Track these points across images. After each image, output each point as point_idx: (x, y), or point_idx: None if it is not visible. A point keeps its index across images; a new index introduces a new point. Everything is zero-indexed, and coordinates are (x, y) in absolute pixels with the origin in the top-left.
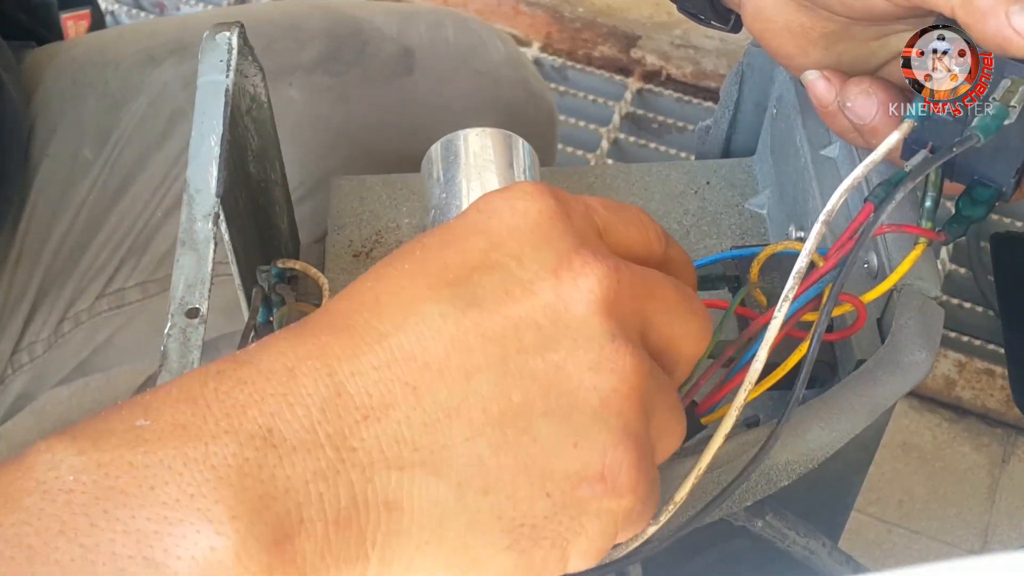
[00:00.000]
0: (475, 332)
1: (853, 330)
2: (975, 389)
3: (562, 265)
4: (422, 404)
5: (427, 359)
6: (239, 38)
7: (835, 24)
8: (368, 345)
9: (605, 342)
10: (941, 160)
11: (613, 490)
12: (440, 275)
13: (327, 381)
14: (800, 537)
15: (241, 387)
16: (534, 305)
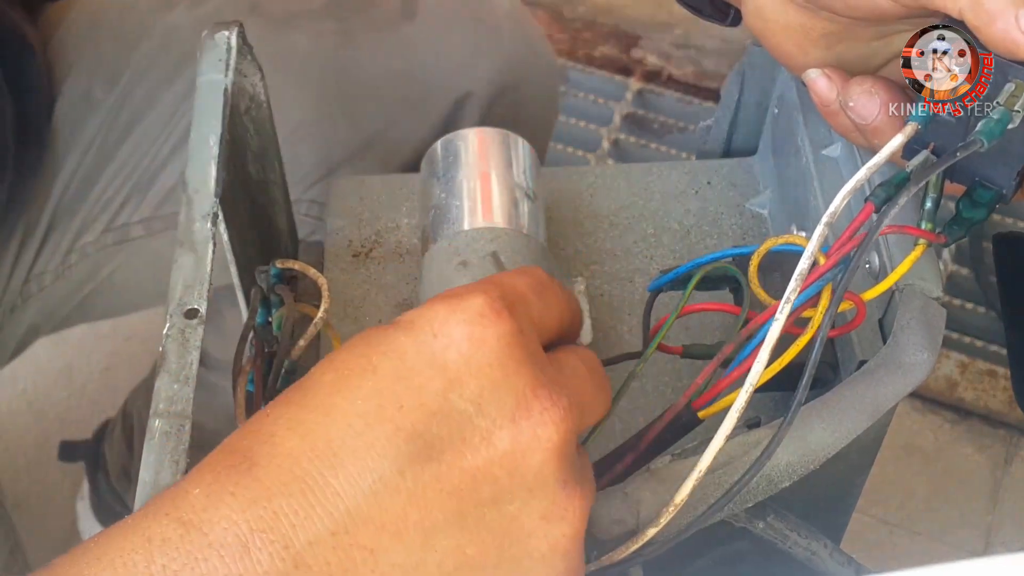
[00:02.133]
0: (433, 487)
1: (852, 326)
2: (977, 390)
3: (520, 411)
4: (380, 567)
5: (384, 520)
6: (238, 37)
7: (836, 24)
8: (324, 507)
9: (558, 490)
10: (944, 165)
11: None
12: (396, 422)
13: (283, 555)
14: (802, 538)
15: (192, 568)
16: (491, 456)
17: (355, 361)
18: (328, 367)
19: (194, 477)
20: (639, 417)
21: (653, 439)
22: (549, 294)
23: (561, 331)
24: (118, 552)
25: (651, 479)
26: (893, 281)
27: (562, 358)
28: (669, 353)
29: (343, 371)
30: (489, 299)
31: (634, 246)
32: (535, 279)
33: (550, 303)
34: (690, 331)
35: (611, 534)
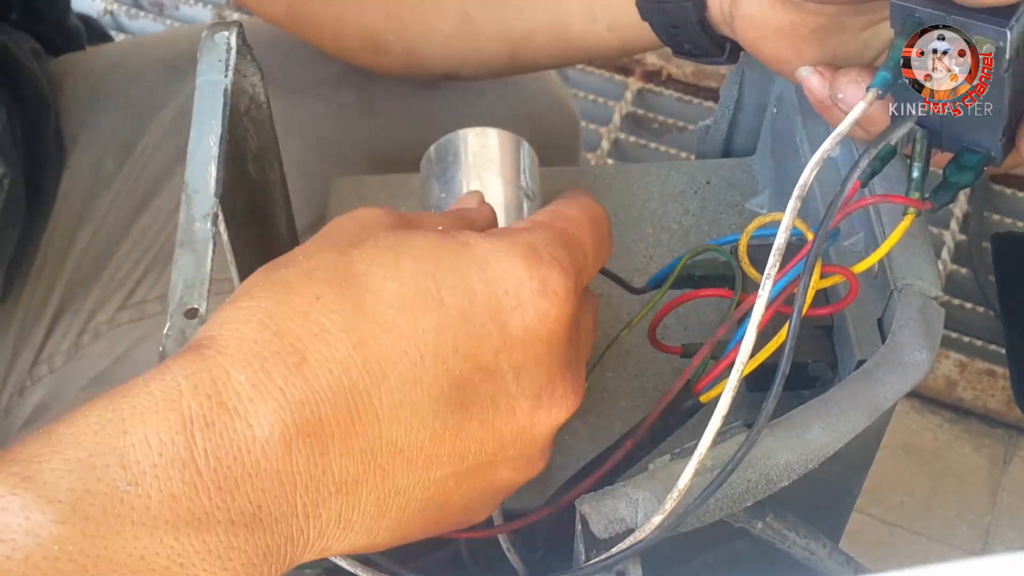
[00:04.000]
0: (452, 432)
1: (847, 302)
2: (976, 390)
3: (546, 389)
4: (385, 486)
5: (403, 447)
6: (238, 38)
7: (824, 17)
8: (362, 425)
9: (537, 455)
10: (910, 122)
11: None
12: (448, 365)
13: (318, 460)
14: (800, 538)
15: (236, 456)
16: (508, 421)
17: (423, 282)
18: (392, 273)
19: (239, 357)
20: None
21: (652, 425)
22: (603, 252)
23: None
24: (152, 430)
25: (650, 478)
26: (884, 252)
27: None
28: (669, 353)
29: (408, 288)
30: (564, 276)
31: (633, 246)
32: (598, 235)
33: (602, 258)
34: (689, 331)
35: (610, 532)
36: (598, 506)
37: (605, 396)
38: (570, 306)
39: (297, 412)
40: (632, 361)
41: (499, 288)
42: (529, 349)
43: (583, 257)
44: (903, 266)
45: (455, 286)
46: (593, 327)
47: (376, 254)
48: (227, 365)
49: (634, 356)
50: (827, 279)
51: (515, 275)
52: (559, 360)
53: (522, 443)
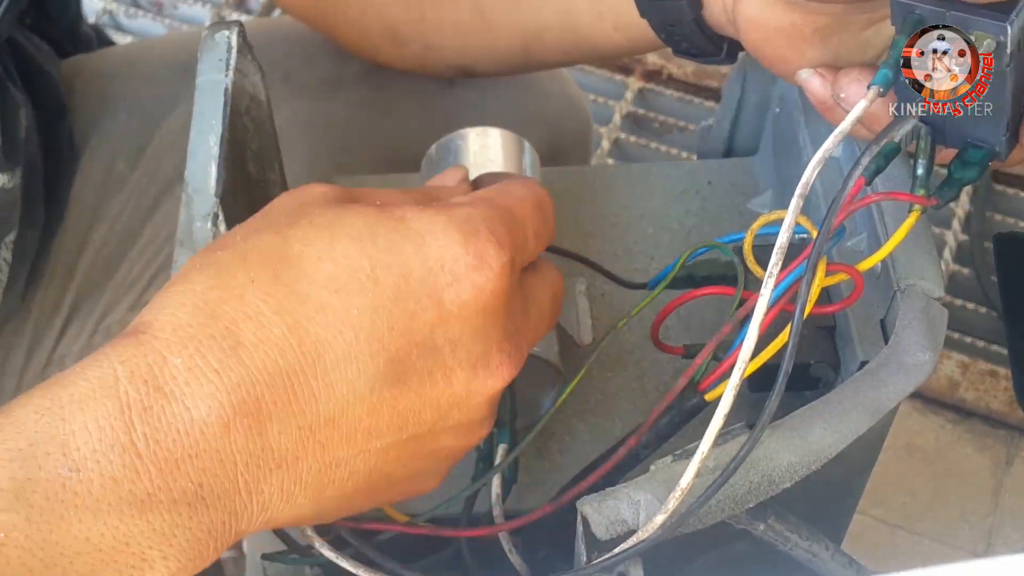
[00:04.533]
0: (390, 404)
1: (851, 300)
2: (979, 390)
3: (483, 360)
4: (324, 457)
5: (341, 423)
6: (238, 37)
7: (826, 17)
8: (299, 404)
9: (479, 420)
10: (902, 123)
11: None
12: (383, 342)
13: (256, 439)
14: (802, 540)
15: (176, 439)
16: (444, 391)
17: (357, 261)
18: (327, 254)
19: (174, 342)
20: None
21: (655, 423)
22: (546, 231)
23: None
24: (92, 415)
25: (652, 480)
26: (889, 250)
27: (536, 296)
28: (671, 353)
29: (342, 268)
30: (499, 251)
31: (635, 246)
32: (541, 215)
33: (543, 239)
34: (691, 332)
35: (612, 534)
36: (599, 507)
37: (606, 397)
38: (505, 281)
39: (234, 393)
40: (633, 362)
41: (435, 264)
42: (465, 323)
43: (522, 235)
44: (906, 266)
45: (389, 264)
46: (551, 302)
47: (311, 233)
48: (163, 349)
49: (635, 357)
50: (831, 277)
51: (451, 250)
52: (496, 332)
53: (460, 412)
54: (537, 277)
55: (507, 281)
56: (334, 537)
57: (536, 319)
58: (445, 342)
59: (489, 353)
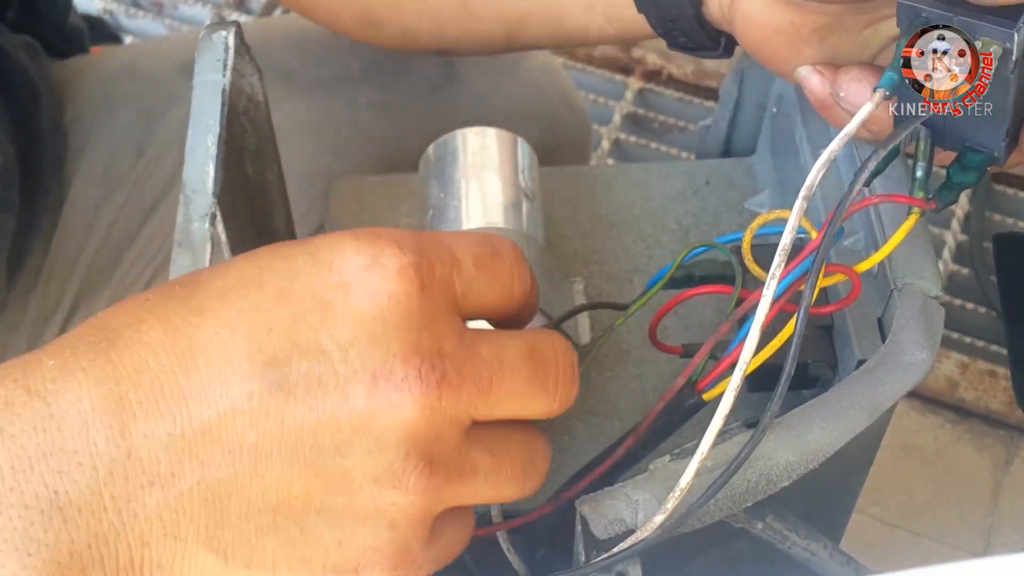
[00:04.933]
0: (276, 418)
1: (849, 301)
2: (978, 390)
3: (383, 372)
4: (206, 479)
5: (222, 436)
6: (236, 38)
7: (825, 17)
8: (168, 409)
9: (397, 459)
10: (916, 122)
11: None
12: (260, 344)
13: (119, 441)
14: (801, 539)
15: (31, 435)
16: (341, 407)
17: (248, 271)
18: (223, 271)
19: (54, 348)
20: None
21: (654, 421)
22: (497, 268)
23: (509, 305)
24: None
25: (650, 479)
26: (888, 252)
27: (492, 338)
28: (669, 352)
29: (232, 277)
30: (398, 252)
31: (633, 246)
32: (487, 250)
33: (494, 278)
34: (689, 331)
35: (610, 533)
36: (598, 507)
37: (605, 396)
38: (407, 283)
39: (95, 389)
40: (632, 361)
41: (323, 266)
42: (361, 327)
43: (442, 251)
44: (903, 265)
45: (278, 269)
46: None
47: (217, 265)
48: (41, 354)
49: (634, 356)
50: (829, 278)
51: (342, 252)
52: (400, 342)
53: (368, 437)
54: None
55: (408, 284)
56: None
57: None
58: (334, 347)
59: (391, 363)
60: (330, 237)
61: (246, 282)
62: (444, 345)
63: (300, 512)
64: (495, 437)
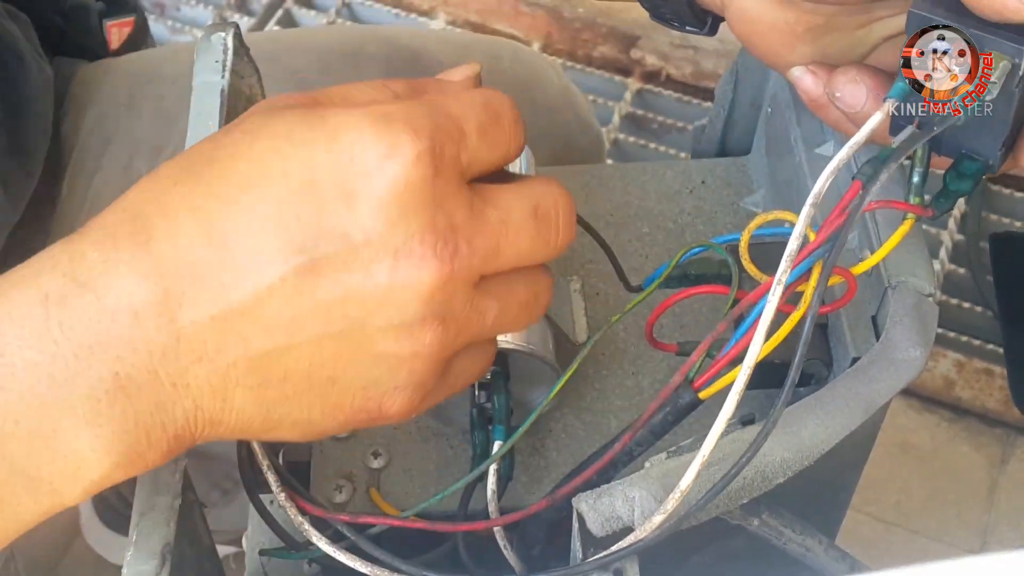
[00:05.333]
0: (309, 296)
1: (843, 302)
2: (974, 389)
3: (403, 251)
4: (248, 352)
5: (259, 315)
6: (234, 39)
7: (819, 16)
8: (210, 296)
9: (415, 322)
10: (924, 139)
11: (384, 415)
12: (291, 232)
13: (168, 328)
14: (796, 535)
15: (86, 327)
16: (365, 284)
17: (271, 158)
18: (247, 152)
19: (92, 236)
20: (634, 414)
21: (650, 418)
22: (497, 135)
23: (506, 162)
24: (15, 304)
25: (646, 477)
26: (883, 255)
27: (500, 201)
28: (665, 351)
29: (255, 166)
30: (415, 138)
31: (629, 245)
32: (489, 115)
33: (496, 145)
34: (685, 329)
35: (607, 531)
36: (595, 504)
37: (602, 394)
38: (423, 169)
39: (141, 284)
40: (628, 359)
41: (344, 155)
42: (379, 213)
43: (452, 128)
44: (897, 263)
45: (300, 159)
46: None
47: (238, 137)
48: (83, 245)
49: (630, 354)
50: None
51: (361, 141)
52: (417, 222)
53: (391, 309)
54: (509, 188)
55: (426, 169)
56: (332, 532)
57: (497, 225)
58: (358, 232)
59: (410, 243)
60: (347, 120)
61: (270, 173)
62: (456, 219)
63: (331, 369)
64: (501, 285)
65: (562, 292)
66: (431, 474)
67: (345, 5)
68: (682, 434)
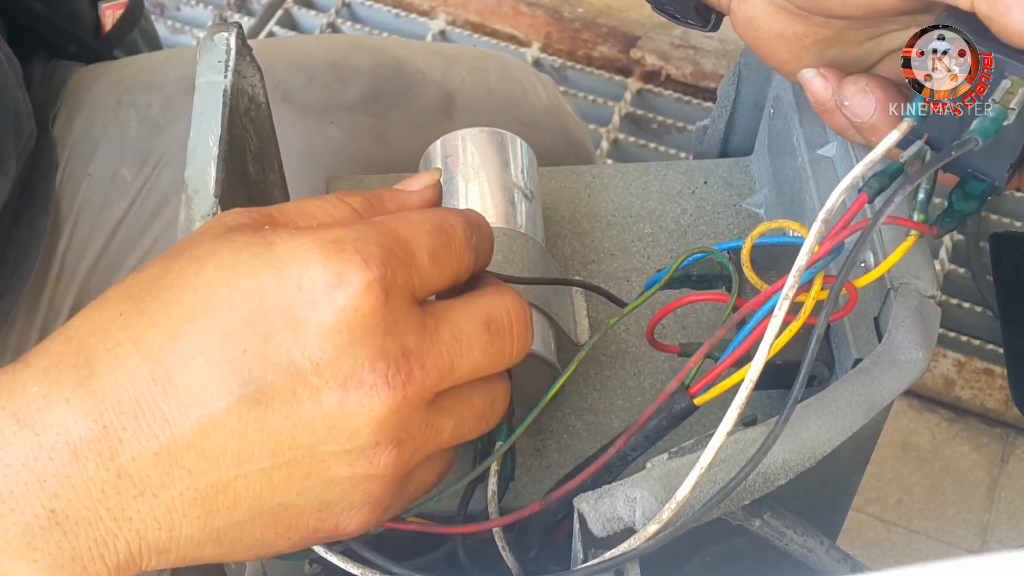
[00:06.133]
0: (255, 427)
1: (844, 312)
2: (974, 389)
3: (353, 379)
4: (195, 484)
5: (205, 447)
6: (237, 39)
7: (829, 29)
8: (151, 431)
9: (368, 447)
10: (939, 163)
11: (341, 533)
12: (236, 365)
13: (108, 465)
14: (798, 535)
15: (24, 463)
16: (315, 412)
17: (217, 289)
18: (192, 282)
19: (35, 367)
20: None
21: (646, 422)
22: (447, 258)
23: (455, 283)
24: None
25: (648, 477)
26: (885, 269)
27: (452, 318)
28: (666, 352)
29: (202, 297)
30: (363, 268)
31: (631, 245)
32: (441, 239)
33: (444, 267)
34: (687, 330)
35: (608, 531)
36: (596, 505)
37: (603, 395)
38: (372, 299)
39: (81, 421)
40: (630, 360)
41: (292, 285)
42: (327, 341)
43: (403, 253)
44: (900, 265)
45: (247, 289)
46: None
47: (185, 264)
48: (26, 378)
49: (632, 355)
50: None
51: (309, 271)
52: (367, 351)
53: (341, 436)
54: (459, 303)
55: (376, 298)
56: None
57: (450, 343)
58: (306, 362)
59: (359, 371)
60: (295, 248)
61: (216, 304)
62: (407, 343)
63: (283, 495)
64: (456, 400)
65: (564, 293)
66: None
67: (345, 5)
68: (684, 434)
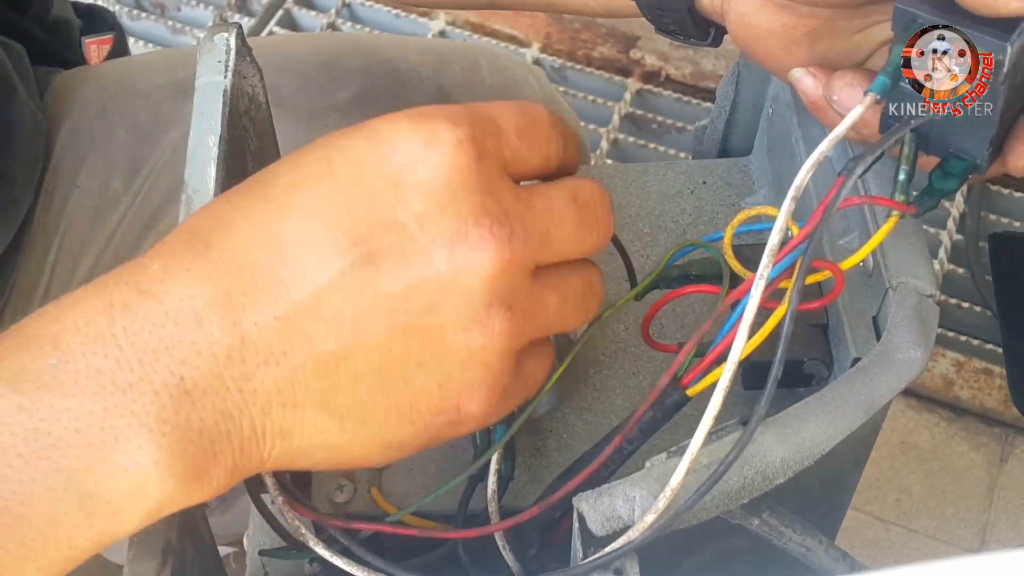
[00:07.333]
0: (369, 290)
1: (831, 297)
2: (973, 388)
3: (459, 236)
4: (315, 352)
5: (322, 312)
6: (237, 39)
7: (817, 20)
8: (271, 295)
9: (481, 309)
10: (903, 130)
11: (463, 418)
12: (344, 227)
13: (232, 330)
14: (797, 534)
15: (150, 331)
16: (426, 272)
17: (315, 163)
18: (290, 164)
19: (154, 253)
20: None
21: (640, 419)
22: (535, 136)
23: (548, 167)
24: (80, 314)
25: (647, 476)
26: (868, 251)
27: (542, 191)
28: (663, 350)
29: (302, 170)
30: (453, 127)
31: (630, 245)
32: (525, 118)
33: (535, 145)
34: (686, 329)
35: (608, 530)
36: (595, 504)
37: (602, 394)
38: (465, 155)
39: (202, 287)
40: (629, 359)
41: (385, 148)
42: (429, 198)
43: (490, 124)
44: (898, 264)
45: (344, 158)
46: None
47: (283, 159)
48: (145, 260)
49: (631, 354)
50: (816, 274)
51: (399, 134)
52: (468, 206)
53: (454, 297)
54: (548, 183)
55: (468, 156)
56: (327, 536)
57: (544, 211)
58: (411, 219)
59: (464, 227)
60: (384, 120)
61: (316, 173)
62: (505, 204)
63: (402, 368)
64: (557, 276)
65: None
66: (432, 473)
67: (345, 5)
68: (684, 434)
